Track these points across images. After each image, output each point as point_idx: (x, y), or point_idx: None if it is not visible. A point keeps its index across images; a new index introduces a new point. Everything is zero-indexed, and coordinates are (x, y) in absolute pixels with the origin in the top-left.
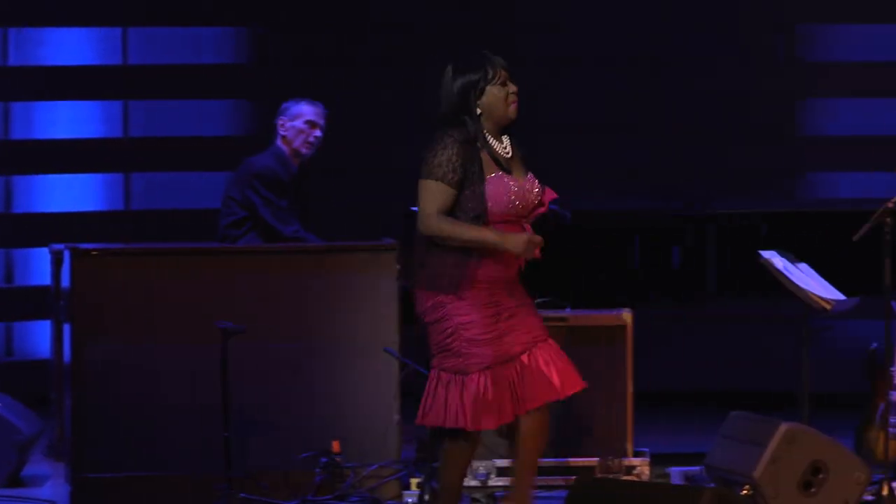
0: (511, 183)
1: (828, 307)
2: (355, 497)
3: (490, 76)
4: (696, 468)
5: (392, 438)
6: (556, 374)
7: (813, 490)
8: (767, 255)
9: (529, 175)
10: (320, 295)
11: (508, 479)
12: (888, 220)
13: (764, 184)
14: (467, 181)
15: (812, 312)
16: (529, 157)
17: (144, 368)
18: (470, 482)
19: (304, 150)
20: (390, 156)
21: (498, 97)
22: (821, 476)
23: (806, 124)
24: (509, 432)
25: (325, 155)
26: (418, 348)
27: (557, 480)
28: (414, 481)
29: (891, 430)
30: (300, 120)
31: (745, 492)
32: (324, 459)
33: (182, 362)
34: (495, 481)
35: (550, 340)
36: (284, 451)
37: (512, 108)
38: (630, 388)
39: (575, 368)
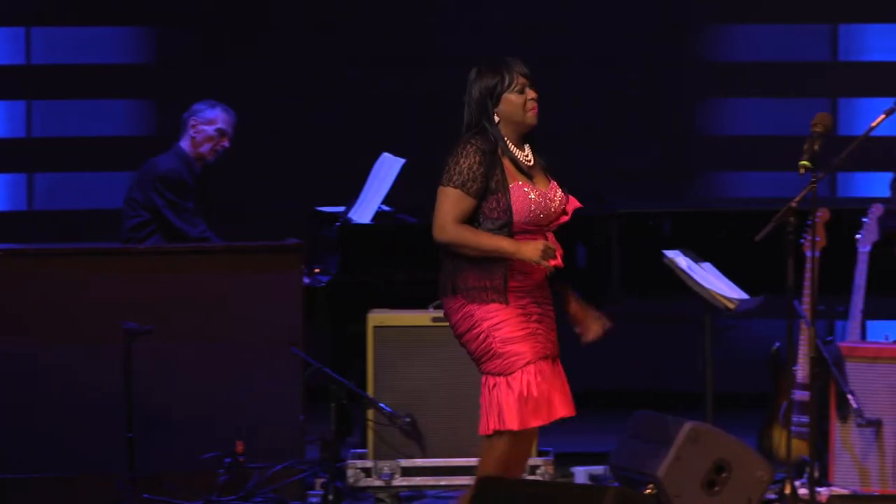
0: (533, 192)
1: (731, 306)
2: (259, 497)
3: (507, 82)
4: (600, 467)
5: (296, 438)
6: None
7: (716, 489)
8: (671, 254)
9: (552, 183)
10: (225, 295)
11: (414, 478)
12: (791, 219)
13: (667, 183)
14: (489, 190)
15: (716, 312)
16: (551, 165)
17: (47, 369)
18: (374, 482)
19: (209, 157)
20: (294, 156)
21: (515, 104)
22: (724, 475)
23: (707, 124)
24: None
25: (229, 155)
26: (323, 348)
27: (461, 480)
28: (318, 481)
29: (793, 429)
30: (213, 126)
31: (648, 491)
32: (228, 460)
33: (86, 363)
34: (399, 481)
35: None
36: (189, 451)
37: (530, 115)
38: None
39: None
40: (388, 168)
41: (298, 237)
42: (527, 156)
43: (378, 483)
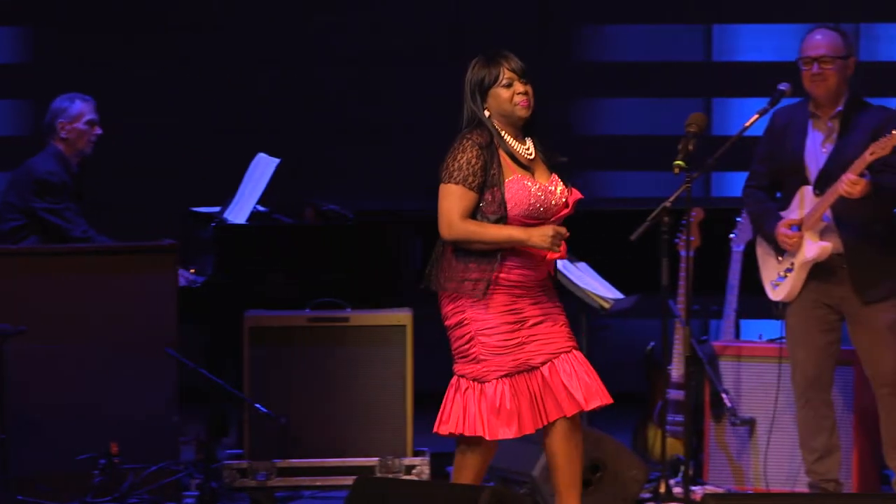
0: (532, 185)
1: (606, 306)
2: (134, 499)
3: (494, 77)
4: None
5: (172, 439)
6: (579, 386)
7: (591, 488)
8: None
9: (553, 176)
10: (100, 296)
11: (290, 479)
12: (665, 219)
13: None
14: (487, 184)
15: (591, 311)
16: (556, 158)
17: None
18: (250, 483)
19: (88, 151)
20: (168, 156)
21: (503, 98)
22: (599, 474)
23: (582, 124)
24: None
25: (103, 155)
26: (199, 349)
27: (337, 480)
28: (193, 482)
29: (668, 428)
30: (82, 121)
31: (524, 490)
32: (102, 461)
33: None
34: (275, 482)
35: (577, 352)
36: (63, 452)
37: (518, 109)
38: (410, 388)
39: (601, 382)
40: (263, 168)
41: (173, 238)
42: (528, 149)
43: (253, 484)
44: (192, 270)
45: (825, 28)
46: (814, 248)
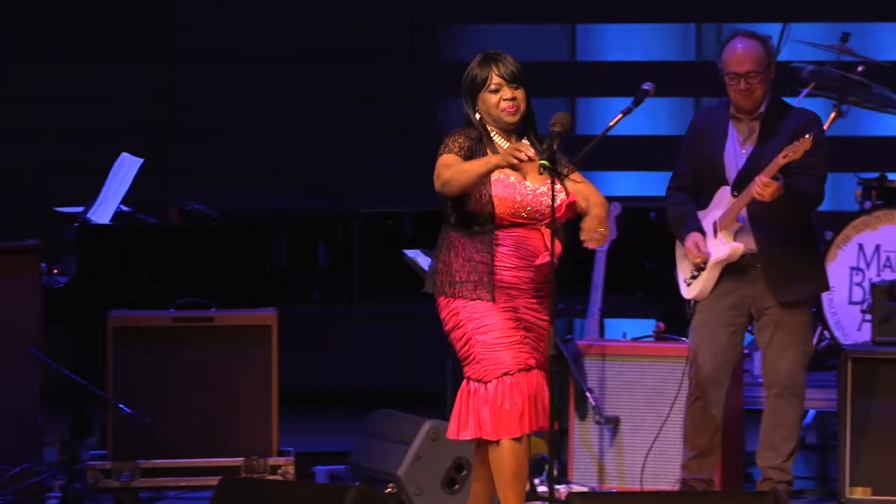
0: (518, 184)
1: None
2: None
3: (482, 80)
4: (342, 467)
5: (35, 440)
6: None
7: (457, 487)
8: (411, 253)
9: (545, 181)
10: None
11: (154, 479)
12: None
13: (411, 183)
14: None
15: None
16: (554, 158)
17: None
18: (113, 483)
19: None
20: (31, 156)
21: (489, 103)
22: (464, 473)
23: (450, 123)
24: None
25: None
26: (62, 349)
27: (202, 481)
28: (57, 483)
29: None
30: None
31: (389, 489)
32: None
33: None
34: (139, 482)
35: (544, 374)
36: None
37: (504, 115)
38: (275, 388)
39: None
40: (126, 168)
41: (36, 238)
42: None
43: (117, 484)
44: (56, 270)
45: (745, 38)
46: (725, 248)
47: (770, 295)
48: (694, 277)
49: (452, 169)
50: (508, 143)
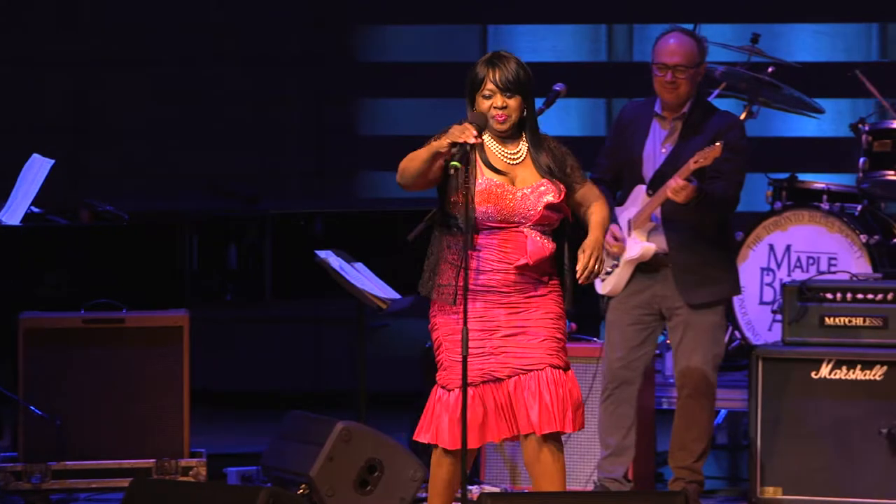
0: (503, 188)
1: (384, 306)
2: None
3: (478, 83)
4: (254, 468)
5: None
6: (538, 408)
7: (369, 488)
8: (323, 254)
9: (534, 183)
10: None
11: (65, 481)
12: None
13: (322, 183)
14: (454, 186)
15: (369, 311)
16: (551, 161)
17: None
18: (24, 485)
19: None
20: None
21: (482, 108)
22: (377, 474)
23: (365, 124)
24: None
25: None
26: None
27: (114, 482)
28: None
29: None
30: None
31: (301, 491)
32: None
33: None
34: (50, 484)
35: (553, 371)
36: None
37: (494, 122)
38: (186, 389)
39: (568, 407)
40: (37, 169)
41: None
42: (515, 153)
43: (28, 486)
44: None
45: (681, 33)
46: (637, 247)
47: (679, 296)
48: (608, 273)
49: (407, 158)
50: (500, 146)
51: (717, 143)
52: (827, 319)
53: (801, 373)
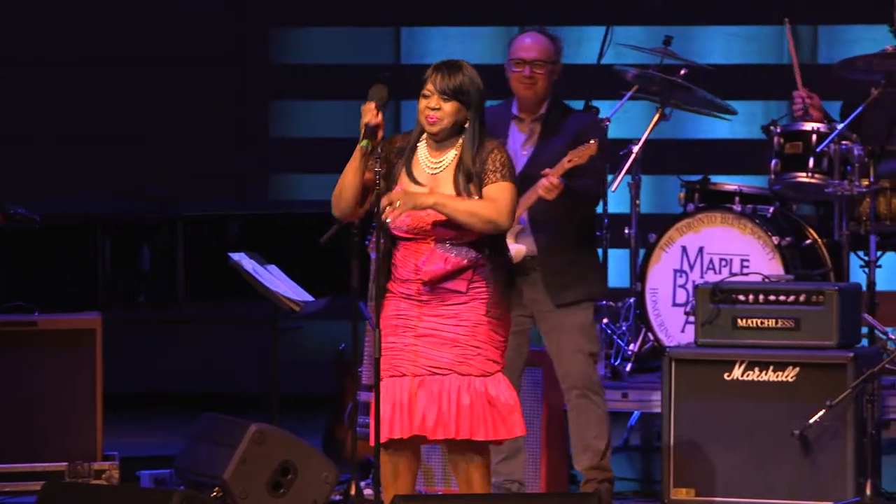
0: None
1: (297, 308)
2: None
3: (421, 86)
4: (167, 471)
5: None
6: (436, 413)
7: (282, 491)
8: (237, 257)
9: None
10: None
11: None
12: (354, 223)
13: (235, 185)
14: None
15: (282, 313)
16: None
17: None
18: None
19: None
20: None
21: (419, 108)
22: (290, 477)
23: (279, 126)
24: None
25: None
26: None
27: (26, 486)
28: None
29: (359, 429)
30: None
31: (214, 493)
32: None
33: None
34: None
35: (461, 378)
36: None
37: (426, 122)
38: (99, 392)
39: (469, 415)
40: None
41: None
42: (439, 161)
43: None
44: None
45: (536, 32)
46: (510, 249)
47: (548, 298)
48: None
49: (338, 184)
50: (428, 153)
51: (592, 142)
52: (739, 321)
53: (714, 374)
